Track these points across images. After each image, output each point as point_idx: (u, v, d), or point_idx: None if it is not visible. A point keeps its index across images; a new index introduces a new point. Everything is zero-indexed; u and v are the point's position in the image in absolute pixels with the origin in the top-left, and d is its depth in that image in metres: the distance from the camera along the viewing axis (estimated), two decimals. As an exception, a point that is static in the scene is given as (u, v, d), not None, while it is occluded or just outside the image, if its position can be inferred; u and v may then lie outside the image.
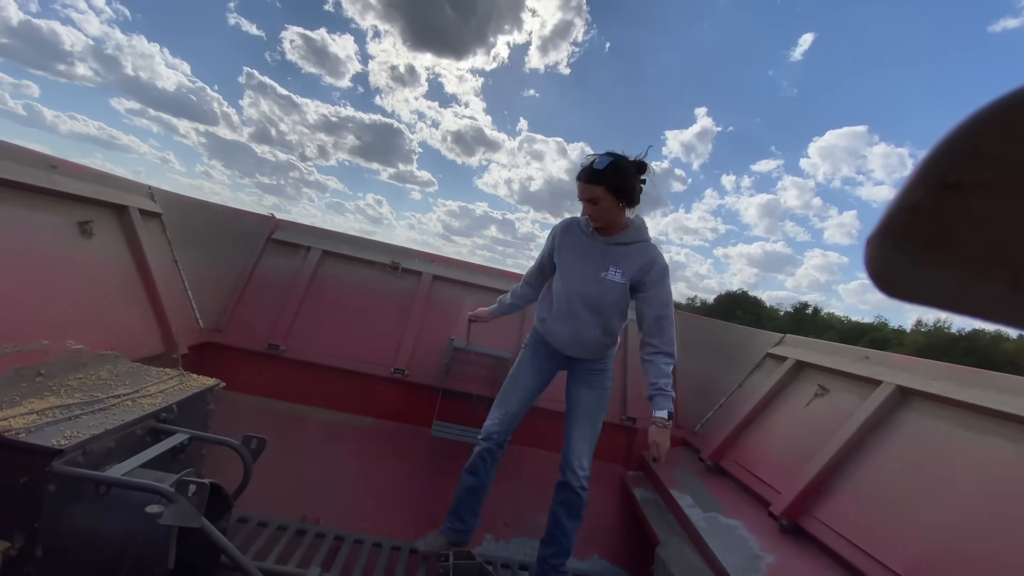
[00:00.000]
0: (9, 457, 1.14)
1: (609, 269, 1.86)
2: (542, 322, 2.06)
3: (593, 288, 1.89)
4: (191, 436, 1.53)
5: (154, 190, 2.57)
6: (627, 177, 1.78)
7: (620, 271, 1.86)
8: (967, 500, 1.46)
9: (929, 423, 1.76)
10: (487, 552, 2.28)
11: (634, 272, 1.85)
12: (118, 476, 1.20)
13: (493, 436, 2.04)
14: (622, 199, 1.80)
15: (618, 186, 1.76)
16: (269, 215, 3.13)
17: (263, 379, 2.69)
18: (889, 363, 2.10)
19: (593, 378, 2.06)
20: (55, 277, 1.84)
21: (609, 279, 1.86)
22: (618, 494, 2.74)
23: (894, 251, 0.23)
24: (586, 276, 1.90)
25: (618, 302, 1.90)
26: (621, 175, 1.76)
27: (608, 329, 1.96)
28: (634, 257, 1.86)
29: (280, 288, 2.87)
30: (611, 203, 1.79)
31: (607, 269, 1.86)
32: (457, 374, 2.80)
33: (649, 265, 1.84)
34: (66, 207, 1.96)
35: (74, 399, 1.44)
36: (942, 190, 0.21)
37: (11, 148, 1.76)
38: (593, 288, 1.89)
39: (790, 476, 1.97)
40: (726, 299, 70.38)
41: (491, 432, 2.04)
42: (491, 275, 3.19)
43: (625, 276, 1.86)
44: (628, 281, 1.86)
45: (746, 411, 2.54)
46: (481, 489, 2.08)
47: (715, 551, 1.80)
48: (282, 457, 2.11)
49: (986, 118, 0.20)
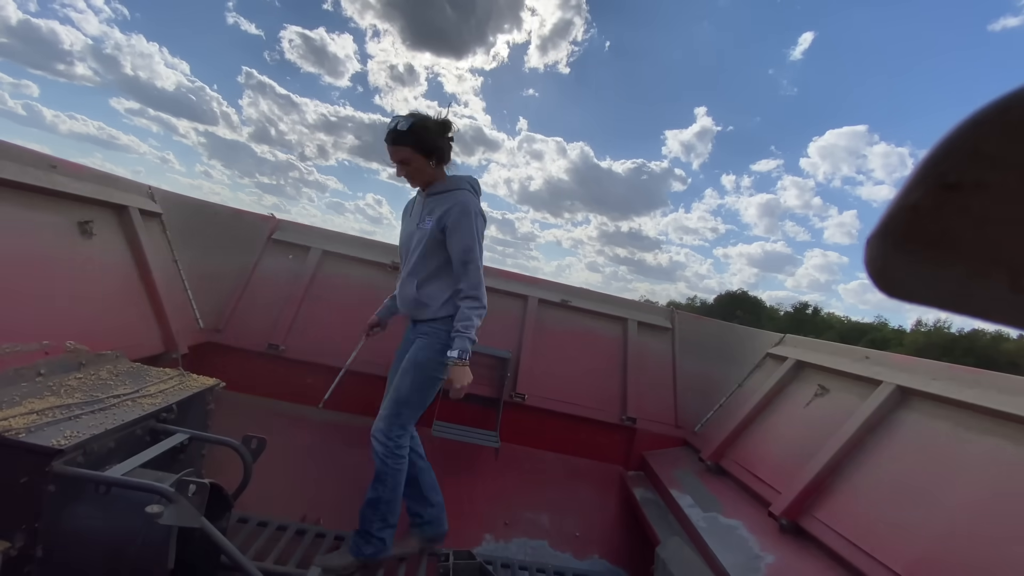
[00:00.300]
0: (9, 457, 1.14)
1: (425, 220, 1.92)
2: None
3: (410, 239, 1.98)
4: (191, 436, 1.53)
5: (154, 190, 2.57)
6: (432, 135, 1.84)
7: (430, 219, 1.90)
8: (967, 500, 1.46)
9: (929, 423, 1.76)
10: (487, 552, 2.28)
11: (439, 216, 1.87)
12: (118, 476, 1.20)
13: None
14: (431, 157, 1.87)
15: (424, 144, 1.83)
16: (269, 215, 3.13)
17: (263, 379, 2.69)
18: (889, 363, 2.10)
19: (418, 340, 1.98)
20: (55, 277, 1.84)
21: (421, 227, 1.93)
22: (618, 494, 2.74)
23: (894, 251, 0.23)
24: (409, 231, 2.00)
25: (426, 249, 1.90)
26: (426, 134, 1.82)
27: (423, 283, 1.92)
28: (441, 204, 1.89)
29: (280, 288, 2.87)
30: (421, 162, 1.86)
31: (423, 220, 1.92)
32: (457, 374, 2.80)
33: (451, 209, 1.85)
34: (66, 207, 1.96)
35: (74, 399, 1.44)
36: (942, 190, 0.21)
37: (11, 148, 1.76)
38: (410, 239, 1.98)
39: (790, 476, 1.97)
40: (726, 299, 70.40)
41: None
42: (491, 275, 3.19)
43: (432, 224, 1.89)
44: (434, 226, 1.89)
45: (746, 411, 2.54)
46: (411, 480, 2.03)
47: (715, 551, 1.80)
48: (282, 457, 2.11)
49: (986, 118, 0.19)
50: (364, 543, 1.91)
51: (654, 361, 3.12)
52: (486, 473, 2.64)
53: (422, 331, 1.97)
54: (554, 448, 2.85)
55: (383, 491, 1.91)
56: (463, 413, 2.77)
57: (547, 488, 2.68)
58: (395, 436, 1.91)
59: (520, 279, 3.22)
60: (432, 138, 1.84)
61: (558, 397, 2.87)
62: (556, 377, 2.91)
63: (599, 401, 2.90)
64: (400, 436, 1.92)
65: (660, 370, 3.09)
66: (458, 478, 2.59)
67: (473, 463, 2.68)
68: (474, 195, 1.94)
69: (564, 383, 2.91)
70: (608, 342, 3.12)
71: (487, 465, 2.66)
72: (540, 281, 3.26)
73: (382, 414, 1.94)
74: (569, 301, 3.19)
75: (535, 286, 3.20)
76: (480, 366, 2.86)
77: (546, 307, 3.15)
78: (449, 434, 2.56)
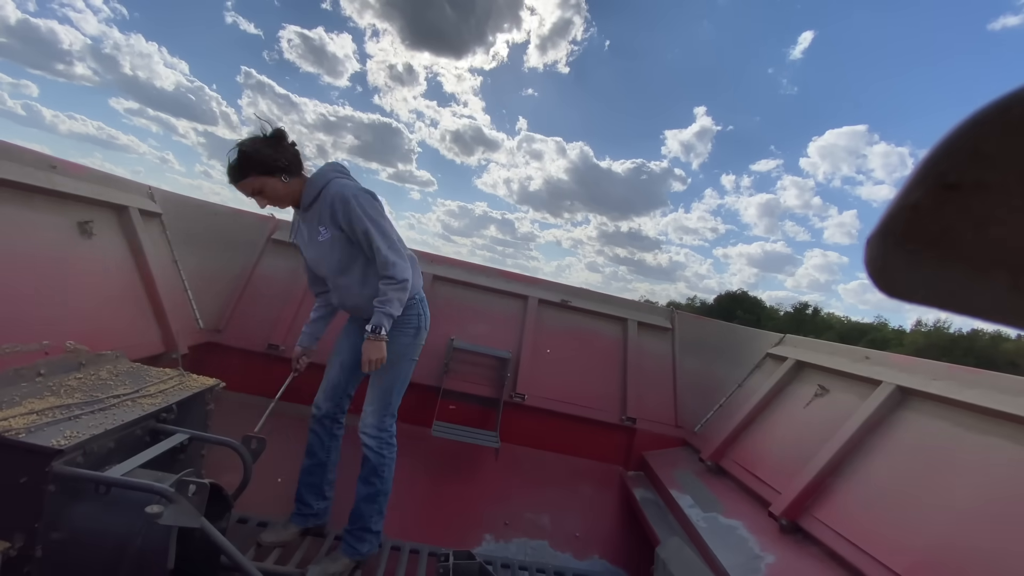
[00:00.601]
0: (9, 457, 1.14)
1: (318, 232, 1.83)
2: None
3: (320, 258, 1.88)
4: (191, 436, 1.53)
5: (154, 190, 2.57)
6: (266, 152, 1.74)
7: (323, 228, 1.82)
8: (967, 500, 1.46)
9: (929, 423, 1.76)
10: (487, 552, 2.28)
11: (328, 219, 1.80)
12: (118, 476, 1.20)
13: (320, 407, 2.04)
14: (279, 173, 1.76)
15: (265, 166, 1.73)
16: (269, 215, 3.13)
17: (263, 379, 2.69)
18: (889, 363, 2.10)
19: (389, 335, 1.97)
20: (55, 277, 1.84)
21: (321, 241, 1.83)
22: (618, 494, 2.74)
23: (894, 251, 0.23)
24: (311, 252, 1.91)
25: (341, 255, 1.84)
26: (258, 155, 1.72)
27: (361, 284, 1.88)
28: (323, 210, 1.81)
29: (280, 288, 2.87)
30: (274, 183, 1.76)
31: (318, 234, 1.83)
32: (457, 374, 2.81)
33: (334, 205, 1.78)
34: (66, 207, 1.96)
35: (74, 399, 1.44)
36: (942, 190, 0.21)
37: (11, 148, 1.76)
38: (320, 258, 1.88)
39: (790, 476, 1.97)
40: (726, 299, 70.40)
41: (317, 404, 2.05)
42: (491, 275, 3.19)
43: (328, 230, 1.81)
44: (332, 231, 1.81)
45: (746, 411, 2.54)
46: (319, 468, 2.04)
47: (715, 551, 1.80)
48: (282, 457, 2.11)
49: (986, 118, 0.20)
50: (359, 541, 1.91)
51: (654, 361, 3.12)
52: (486, 473, 2.64)
53: (360, 324, 2.00)
54: (554, 448, 2.85)
55: (380, 484, 1.92)
56: (463, 413, 2.77)
57: (547, 488, 2.68)
58: (387, 426, 1.94)
59: (520, 279, 3.22)
60: (269, 155, 1.74)
61: (558, 397, 2.87)
62: (556, 377, 2.91)
63: (599, 401, 2.91)
64: (391, 424, 1.95)
65: (660, 370, 3.10)
66: (458, 478, 2.59)
67: (473, 463, 2.68)
68: (345, 177, 1.86)
69: (564, 383, 2.91)
70: (608, 342, 3.12)
71: (487, 465, 2.66)
72: (540, 281, 3.26)
73: (369, 409, 1.93)
74: (569, 301, 3.19)
75: (535, 286, 3.20)
76: (480, 366, 2.86)
77: (546, 307, 3.16)
78: (449, 434, 2.56)
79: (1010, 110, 0.19)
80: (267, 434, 1.79)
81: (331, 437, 2.07)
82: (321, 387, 2.06)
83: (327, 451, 2.06)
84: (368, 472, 1.92)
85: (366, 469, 1.92)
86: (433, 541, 2.18)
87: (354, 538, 1.92)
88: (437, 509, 2.44)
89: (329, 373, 2.05)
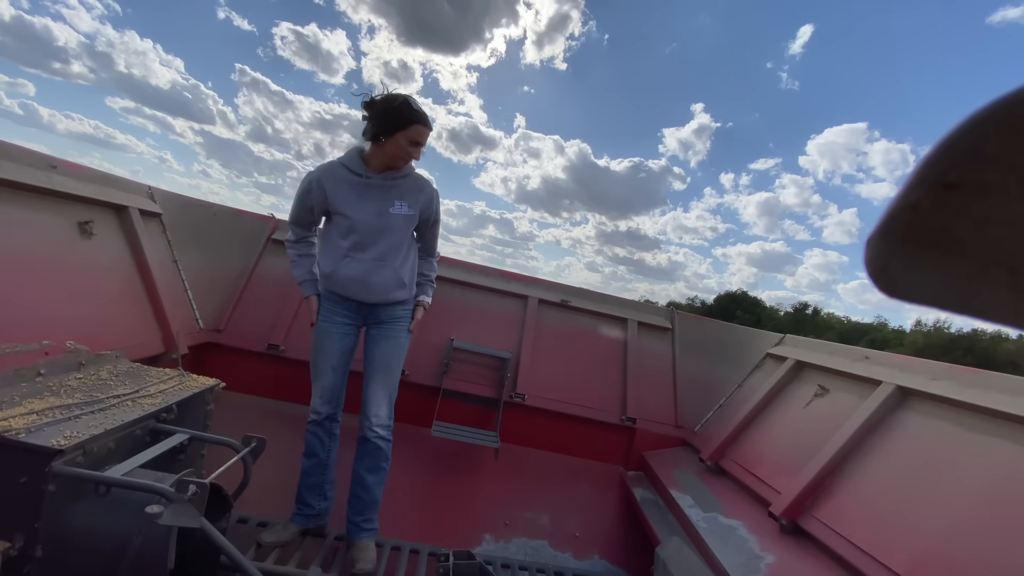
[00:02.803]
0: (9, 457, 1.14)
1: (395, 204, 1.92)
2: (329, 276, 1.96)
3: (385, 227, 1.92)
4: (191, 436, 1.53)
5: (154, 190, 2.57)
6: None
7: (405, 204, 1.93)
8: (967, 500, 1.46)
9: (929, 423, 1.77)
10: (487, 552, 2.28)
11: (421, 207, 1.98)
12: (118, 476, 1.20)
13: (320, 411, 2.03)
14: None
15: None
16: (269, 215, 3.13)
17: (263, 379, 2.69)
18: (889, 363, 2.10)
19: (388, 329, 2.02)
20: (55, 277, 1.84)
21: (396, 214, 1.92)
22: (618, 494, 2.74)
23: (894, 251, 0.23)
24: (369, 215, 1.91)
25: (403, 234, 1.96)
26: None
27: (401, 266, 1.96)
28: (416, 192, 1.96)
29: (280, 288, 2.87)
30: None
31: (392, 204, 1.92)
32: (457, 374, 2.81)
33: (433, 200, 2.01)
34: (66, 207, 1.96)
35: (74, 399, 1.44)
36: (942, 190, 0.21)
37: (11, 148, 1.77)
38: (385, 227, 1.92)
39: (790, 476, 1.97)
40: (726, 299, 70.42)
41: (315, 409, 2.03)
42: (491, 275, 3.20)
43: (410, 208, 1.95)
44: (412, 213, 1.96)
45: (746, 411, 2.54)
46: (320, 468, 2.05)
47: (715, 551, 1.80)
48: (282, 457, 2.11)
49: (986, 118, 0.20)
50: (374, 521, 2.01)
51: (654, 361, 3.12)
52: (486, 473, 2.64)
53: (396, 314, 2.02)
54: (554, 448, 2.86)
55: (387, 464, 2.02)
56: (463, 413, 2.77)
57: (547, 488, 2.68)
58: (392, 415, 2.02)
59: (520, 279, 3.22)
60: None
61: (558, 397, 2.87)
62: (556, 377, 2.91)
63: (599, 401, 2.91)
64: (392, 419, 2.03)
65: (660, 370, 3.10)
66: (458, 478, 2.59)
67: (473, 463, 2.68)
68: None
69: (564, 383, 2.91)
70: (608, 342, 3.12)
71: (487, 465, 2.66)
72: (540, 281, 3.26)
73: (382, 405, 1.97)
74: (569, 301, 3.19)
75: (535, 286, 3.21)
76: (480, 366, 2.86)
77: (546, 307, 3.16)
78: (449, 434, 2.56)
79: (1010, 110, 0.19)
80: (267, 434, 1.79)
81: (331, 437, 2.07)
82: (316, 393, 2.02)
83: (327, 451, 2.06)
84: (380, 459, 1.98)
85: (376, 457, 1.97)
86: (433, 541, 2.18)
87: (369, 521, 1.98)
88: (437, 509, 2.44)
89: (323, 379, 2.00)
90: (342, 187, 1.91)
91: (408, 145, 1.85)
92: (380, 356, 2.01)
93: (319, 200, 1.92)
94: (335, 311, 2.00)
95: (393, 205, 1.91)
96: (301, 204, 1.96)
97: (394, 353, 2.01)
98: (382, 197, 1.92)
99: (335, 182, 1.91)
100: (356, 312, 2.01)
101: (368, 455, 1.97)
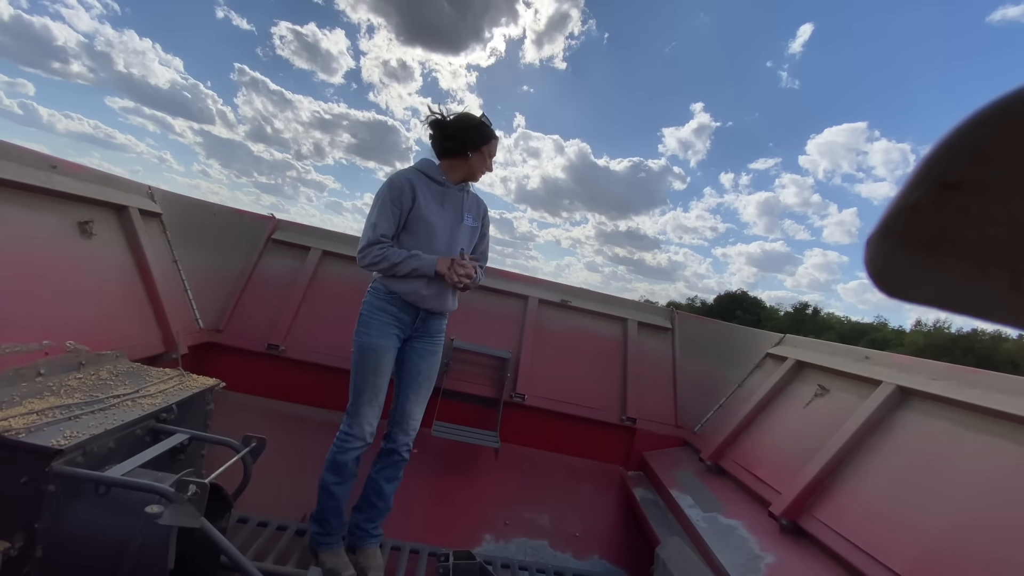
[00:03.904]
0: (9, 457, 1.14)
1: (466, 217, 1.99)
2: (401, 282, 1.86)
3: (459, 238, 1.97)
4: (191, 436, 1.53)
5: (154, 190, 2.57)
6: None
7: (471, 216, 2.01)
8: (967, 500, 1.46)
9: (929, 423, 1.76)
10: (487, 552, 2.28)
11: (482, 219, 2.07)
12: (118, 476, 1.20)
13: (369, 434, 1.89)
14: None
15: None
16: (269, 215, 3.13)
17: (263, 379, 2.69)
18: (889, 363, 2.10)
19: (433, 343, 1.99)
20: (55, 277, 1.84)
21: (467, 225, 1.99)
22: (618, 494, 2.74)
23: (894, 251, 0.23)
24: (446, 225, 1.94)
25: (470, 244, 2.02)
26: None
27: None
28: (477, 205, 2.06)
29: (280, 288, 2.87)
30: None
31: (465, 217, 1.99)
32: (457, 374, 2.81)
33: (483, 207, 2.09)
34: (66, 207, 1.96)
35: (74, 399, 1.44)
36: (942, 190, 0.21)
37: (11, 148, 1.76)
38: (459, 238, 1.97)
39: (790, 476, 1.97)
40: (726, 299, 70.40)
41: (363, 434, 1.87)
42: (490, 275, 3.19)
43: (476, 221, 2.03)
44: (477, 226, 2.04)
45: (746, 411, 2.54)
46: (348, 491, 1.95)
47: (715, 551, 1.80)
48: (282, 457, 2.11)
49: (986, 118, 0.20)
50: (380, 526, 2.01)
51: (654, 361, 3.12)
52: (486, 473, 2.64)
53: (441, 327, 2.04)
54: (554, 448, 2.86)
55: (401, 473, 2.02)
56: (463, 413, 2.77)
57: (547, 488, 2.68)
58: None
59: (520, 279, 3.22)
60: None
61: (558, 397, 2.87)
62: (556, 377, 2.91)
63: (599, 401, 2.91)
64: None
65: (660, 370, 3.10)
66: (458, 478, 2.59)
67: (473, 463, 2.68)
68: None
69: (564, 383, 2.91)
70: (608, 342, 3.12)
71: (487, 465, 2.66)
72: (540, 281, 3.26)
73: (417, 426, 1.98)
74: (569, 301, 3.19)
75: (535, 286, 3.21)
76: (480, 366, 2.86)
77: (546, 307, 3.16)
78: (449, 434, 2.56)
79: (1010, 110, 0.19)
80: (267, 434, 1.79)
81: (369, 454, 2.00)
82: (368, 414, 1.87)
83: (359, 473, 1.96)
84: (400, 470, 1.99)
85: (398, 468, 1.98)
86: (433, 541, 2.18)
87: (378, 528, 1.99)
88: (437, 509, 2.44)
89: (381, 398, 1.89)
90: (427, 192, 1.90)
91: (489, 158, 1.98)
92: (426, 371, 1.97)
93: (408, 201, 1.85)
94: (392, 325, 1.89)
95: (464, 217, 1.97)
96: (391, 210, 1.83)
97: (436, 368, 2.02)
98: (456, 208, 1.97)
99: (422, 186, 1.89)
100: (410, 324, 1.93)
101: (392, 466, 1.96)
